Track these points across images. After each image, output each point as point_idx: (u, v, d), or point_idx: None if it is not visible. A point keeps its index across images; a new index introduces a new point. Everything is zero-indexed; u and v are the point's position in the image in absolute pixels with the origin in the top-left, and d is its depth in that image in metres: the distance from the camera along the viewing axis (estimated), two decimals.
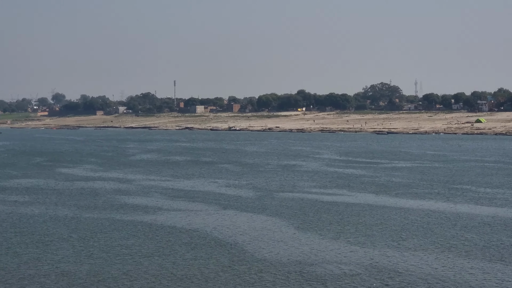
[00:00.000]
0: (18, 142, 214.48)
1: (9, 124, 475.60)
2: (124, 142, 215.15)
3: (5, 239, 52.17)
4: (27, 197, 75.54)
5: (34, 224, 58.50)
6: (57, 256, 46.83)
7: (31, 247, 49.50)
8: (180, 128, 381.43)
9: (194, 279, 41.05)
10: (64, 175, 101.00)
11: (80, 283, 39.95)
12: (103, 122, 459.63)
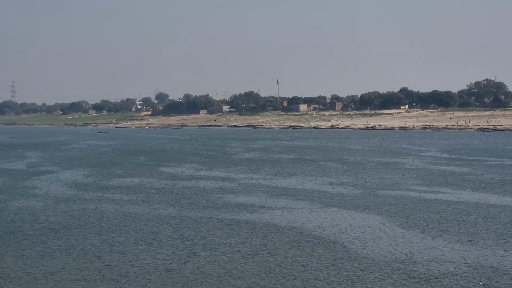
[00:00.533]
0: (122, 142, 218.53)
1: (114, 124, 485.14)
2: (228, 141, 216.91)
3: (110, 238, 53.26)
4: (131, 196, 76.91)
5: (138, 223, 59.52)
6: (161, 254, 47.54)
7: (136, 246, 50.38)
8: (283, 127, 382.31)
9: (297, 276, 41.08)
10: (167, 174, 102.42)
11: (184, 281, 40.46)
12: (206, 121, 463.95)
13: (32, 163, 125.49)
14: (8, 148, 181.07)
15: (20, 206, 69.34)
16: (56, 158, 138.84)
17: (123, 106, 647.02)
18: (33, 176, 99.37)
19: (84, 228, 57.22)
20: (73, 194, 78.57)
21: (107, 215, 63.30)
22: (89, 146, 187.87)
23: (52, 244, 50.91)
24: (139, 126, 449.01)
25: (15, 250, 48.92)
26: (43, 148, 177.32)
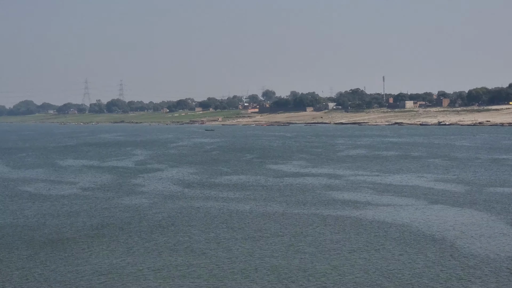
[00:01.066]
0: (229, 139, 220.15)
1: (220, 121, 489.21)
2: (334, 138, 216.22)
3: (217, 235, 53.90)
4: (237, 193, 77.59)
5: (244, 220, 60.04)
6: (267, 251, 47.86)
7: (242, 242, 50.84)
8: (389, 124, 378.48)
9: (404, 273, 40.81)
10: (273, 171, 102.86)
11: (290, 278, 40.67)
12: (312, 118, 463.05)
13: (139, 161, 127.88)
14: (116, 146, 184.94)
15: (128, 203, 70.83)
16: (163, 156, 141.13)
17: (229, 104, 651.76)
18: (140, 174, 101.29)
19: (191, 225, 58.07)
20: (179, 191, 79.78)
21: (214, 213, 64.06)
22: (196, 144, 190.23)
23: (160, 240, 51.88)
24: (246, 124, 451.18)
25: (124, 247, 50.06)
26: (150, 146, 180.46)
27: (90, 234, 54.62)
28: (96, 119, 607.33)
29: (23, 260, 46.21)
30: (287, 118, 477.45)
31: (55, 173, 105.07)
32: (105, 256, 46.97)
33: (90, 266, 44.40)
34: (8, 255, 47.77)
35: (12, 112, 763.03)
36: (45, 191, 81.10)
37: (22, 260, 46.34)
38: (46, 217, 62.67)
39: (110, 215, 63.35)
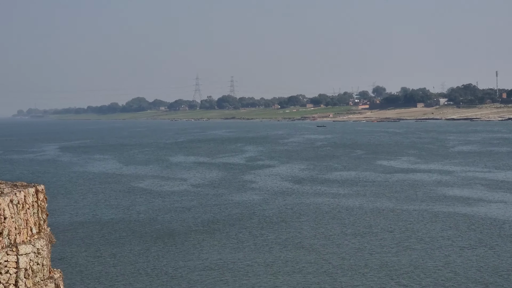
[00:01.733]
0: (340, 135, 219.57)
1: (331, 117, 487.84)
2: (445, 134, 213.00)
3: (326, 230, 53.87)
4: (347, 189, 77.36)
5: (354, 216, 59.83)
6: (377, 247, 47.57)
7: (351, 238, 50.70)
8: (502, 119, 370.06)
9: None
10: (383, 167, 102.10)
11: (400, 274, 40.34)
12: (423, 114, 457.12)
13: (250, 157, 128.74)
14: (227, 142, 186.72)
15: (238, 199, 71.47)
16: (274, 152, 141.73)
17: (340, 100, 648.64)
18: (251, 170, 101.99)
19: (301, 221, 58.22)
20: (290, 187, 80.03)
21: (324, 208, 64.05)
22: (307, 140, 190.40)
23: (270, 236, 52.19)
24: (357, 120, 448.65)
25: (234, 242, 50.55)
26: (261, 142, 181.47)
27: (201, 229, 55.37)
28: (207, 115, 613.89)
29: (136, 255, 47.20)
30: (397, 114, 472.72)
31: (166, 169, 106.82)
32: (216, 252, 47.52)
33: (201, 261, 45.01)
34: (121, 249, 48.88)
35: (125, 109, 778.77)
36: (157, 187, 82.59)
37: (134, 254, 47.34)
38: (157, 213, 63.87)
39: (221, 211, 64.07)
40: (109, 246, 49.90)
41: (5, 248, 18.61)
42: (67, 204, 69.13)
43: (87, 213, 63.99)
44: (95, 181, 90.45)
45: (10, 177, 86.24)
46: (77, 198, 73.45)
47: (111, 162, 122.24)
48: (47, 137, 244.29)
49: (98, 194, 77.04)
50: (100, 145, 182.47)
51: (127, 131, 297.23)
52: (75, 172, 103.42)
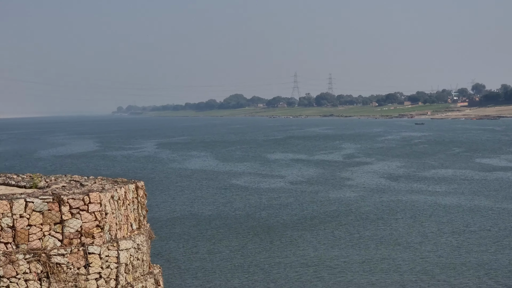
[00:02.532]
0: (437, 133, 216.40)
1: (429, 115, 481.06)
2: None
3: (423, 228, 53.42)
4: (444, 186, 76.51)
5: (451, 214, 59.19)
6: (474, 245, 47.00)
7: (448, 236, 50.18)
8: None
9: None
10: (481, 165, 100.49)
11: (499, 274, 39.79)
12: None
13: (347, 154, 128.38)
14: (325, 139, 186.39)
15: (335, 196, 71.48)
16: (371, 149, 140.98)
17: (438, 97, 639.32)
18: (348, 167, 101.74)
19: (397, 218, 57.91)
20: (386, 185, 79.60)
21: (420, 206, 63.54)
22: (404, 137, 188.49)
23: (366, 233, 52.11)
24: (455, 117, 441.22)
25: (330, 239, 50.64)
26: (359, 140, 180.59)
27: (297, 226, 55.64)
28: (305, 112, 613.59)
29: (232, 251, 47.73)
30: (497, 111, 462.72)
31: (263, 166, 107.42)
32: (312, 248, 47.73)
33: (297, 257, 45.29)
34: (218, 245, 49.50)
35: (223, 106, 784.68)
36: (253, 184, 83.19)
37: (231, 250, 47.88)
38: (254, 209, 64.39)
39: (317, 208, 64.21)
40: (206, 242, 50.61)
41: (106, 243, 19.30)
42: (165, 200, 70.33)
43: (184, 209, 64.99)
44: (192, 177, 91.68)
45: (109, 173, 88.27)
46: (175, 194, 74.62)
47: (208, 159, 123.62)
48: (146, 134, 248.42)
49: (195, 190, 78.10)
50: (197, 142, 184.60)
51: (225, 128, 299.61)
52: (173, 168, 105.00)
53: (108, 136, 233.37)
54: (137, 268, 19.77)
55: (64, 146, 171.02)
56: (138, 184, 21.46)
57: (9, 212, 17.24)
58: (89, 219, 17.90)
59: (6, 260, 16.94)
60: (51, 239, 17.52)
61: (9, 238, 17.22)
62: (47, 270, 17.26)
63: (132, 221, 20.61)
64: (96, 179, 22.48)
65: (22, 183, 23.61)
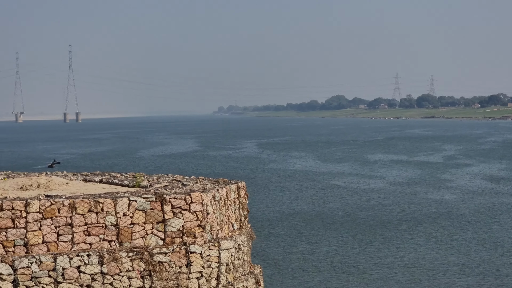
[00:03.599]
0: None
1: None
2: None
3: None
4: None
5: None
6: None
7: None
8: None
9: None
10: None
11: None
12: None
13: (448, 156, 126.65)
14: (425, 141, 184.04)
15: (435, 198, 70.70)
16: (472, 151, 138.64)
17: None
18: (448, 169, 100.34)
19: (498, 221, 57.01)
20: (487, 186, 78.31)
21: None
22: (506, 140, 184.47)
23: (466, 236, 51.40)
24: None
25: (429, 240, 50.17)
26: (460, 141, 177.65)
27: (396, 227, 55.31)
28: (406, 114, 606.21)
29: (332, 251, 47.77)
30: None
31: (363, 167, 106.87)
32: (412, 249, 47.38)
33: (396, 258, 45.03)
34: (317, 245, 49.55)
35: (324, 107, 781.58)
36: (352, 185, 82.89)
37: (330, 250, 47.94)
38: (353, 210, 64.25)
39: (417, 209, 63.69)
40: (305, 242, 50.71)
41: (208, 243, 19.49)
42: (265, 200, 70.70)
43: (284, 209, 65.22)
44: (292, 177, 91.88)
45: (210, 173, 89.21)
46: (275, 195, 74.91)
47: (308, 159, 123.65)
48: (247, 134, 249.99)
49: (295, 190, 78.28)
50: (298, 142, 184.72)
51: (325, 129, 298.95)
52: (273, 168, 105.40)
53: (209, 136, 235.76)
54: (238, 268, 19.92)
55: (165, 146, 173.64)
56: (239, 184, 21.62)
57: (113, 211, 17.63)
58: (190, 219, 18.15)
59: (110, 257, 17.33)
60: (153, 238, 17.85)
61: (113, 236, 17.61)
62: (149, 268, 17.59)
63: (233, 221, 20.77)
64: (198, 179, 22.77)
65: (125, 182, 24.14)
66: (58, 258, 16.88)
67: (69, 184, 23.91)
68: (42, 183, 23.31)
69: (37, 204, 17.02)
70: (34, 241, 16.87)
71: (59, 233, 17.13)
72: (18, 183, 23.66)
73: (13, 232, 16.74)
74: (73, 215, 17.25)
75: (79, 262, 17.06)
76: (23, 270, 16.53)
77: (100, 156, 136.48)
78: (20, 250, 16.77)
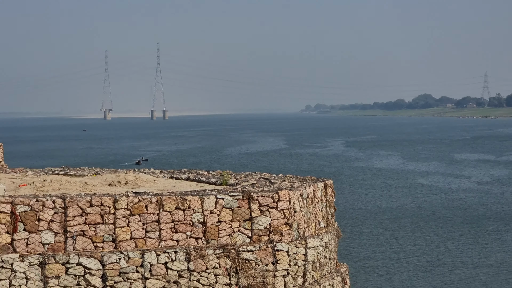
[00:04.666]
0: None
1: None
2: None
3: None
4: None
5: None
6: None
7: None
8: None
9: None
10: None
11: None
12: None
13: None
14: None
15: None
16: None
17: None
18: None
19: None
20: None
21: None
22: None
23: None
24: None
25: None
26: None
27: (482, 227, 54.83)
28: (495, 113, 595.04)
29: (417, 250, 47.56)
30: None
31: (449, 166, 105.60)
32: (499, 250, 47.04)
33: (482, 259, 44.77)
34: (402, 243, 49.24)
35: (411, 106, 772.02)
36: (439, 184, 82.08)
37: (415, 249, 47.71)
38: (439, 208, 63.88)
39: (504, 209, 63.25)
40: (391, 240, 50.41)
41: (295, 241, 19.36)
42: (350, 198, 70.44)
43: (369, 207, 64.87)
44: (377, 176, 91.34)
45: (297, 171, 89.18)
46: (360, 193, 74.53)
47: (394, 158, 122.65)
48: (333, 132, 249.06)
49: (379, 189, 77.83)
50: (384, 141, 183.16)
51: (412, 128, 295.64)
52: (359, 167, 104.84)
53: (296, 134, 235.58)
54: (324, 266, 19.78)
55: (252, 144, 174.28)
56: (327, 182, 21.45)
57: (200, 208, 17.68)
58: (278, 217, 18.07)
59: (197, 254, 17.39)
60: (240, 236, 17.82)
61: (199, 234, 17.66)
62: (236, 265, 17.56)
63: (320, 219, 20.63)
64: (285, 177, 22.70)
65: (212, 179, 24.21)
66: (145, 254, 17.09)
67: (156, 181, 24.20)
68: (130, 180, 23.63)
69: (125, 200, 17.22)
70: (123, 237, 17.09)
71: (147, 230, 17.31)
72: (107, 180, 24.04)
73: (102, 228, 16.98)
74: (160, 212, 17.40)
75: (166, 259, 17.22)
76: (111, 266, 16.77)
77: (186, 154, 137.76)
78: (109, 246, 16.99)
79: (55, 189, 21.67)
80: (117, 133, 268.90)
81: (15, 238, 16.41)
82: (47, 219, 16.62)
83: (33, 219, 16.52)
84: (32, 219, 16.52)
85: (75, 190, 21.44)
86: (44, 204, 16.64)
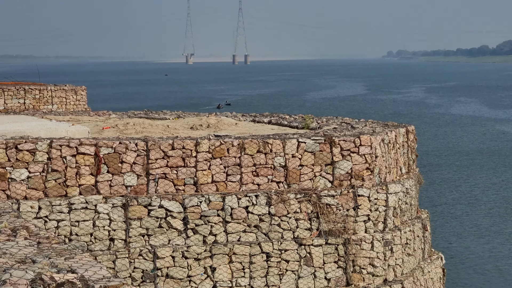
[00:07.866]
0: None
1: None
2: None
3: None
4: None
5: None
6: None
7: None
8: None
9: None
10: None
11: None
12: None
13: None
14: None
15: None
16: None
17: None
18: None
19: None
20: None
21: None
22: None
23: None
24: None
25: None
26: None
27: None
28: None
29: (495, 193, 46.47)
30: None
31: None
32: None
33: None
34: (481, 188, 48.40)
35: (495, 52, 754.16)
36: None
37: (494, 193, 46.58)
38: None
39: None
40: (471, 187, 49.87)
41: (376, 186, 19.14)
42: (431, 144, 69.75)
43: (451, 154, 64.13)
44: (458, 122, 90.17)
45: (378, 117, 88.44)
46: (441, 140, 73.65)
47: (475, 105, 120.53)
48: (414, 78, 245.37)
49: (462, 136, 77.00)
50: (466, 87, 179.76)
51: (496, 75, 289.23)
52: (440, 113, 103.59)
53: (377, 80, 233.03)
54: (405, 212, 19.58)
55: (333, 89, 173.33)
56: (408, 128, 21.14)
57: (281, 152, 17.58)
58: (359, 162, 17.90)
59: (278, 199, 17.35)
60: (321, 180, 17.73)
61: (281, 178, 17.60)
62: (317, 210, 17.47)
63: (402, 165, 20.37)
64: (367, 122, 22.45)
65: (294, 123, 24.09)
66: (226, 198, 17.12)
67: (238, 124, 24.18)
68: (211, 123, 23.69)
69: (207, 143, 17.21)
70: (204, 180, 17.12)
71: (228, 173, 17.30)
72: (189, 123, 24.15)
73: (183, 171, 17.03)
74: (242, 155, 17.35)
75: (247, 203, 17.23)
76: (192, 209, 16.84)
77: (268, 98, 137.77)
78: (190, 189, 17.06)
79: (137, 132, 21.92)
80: (199, 77, 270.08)
81: (98, 180, 16.58)
82: (130, 161, 16.75)
83: (116, 161, 16.67)
84: (115, 161, 16.67)
85: (157, 133, 21.64)
86: (127, 146, 16.76)
